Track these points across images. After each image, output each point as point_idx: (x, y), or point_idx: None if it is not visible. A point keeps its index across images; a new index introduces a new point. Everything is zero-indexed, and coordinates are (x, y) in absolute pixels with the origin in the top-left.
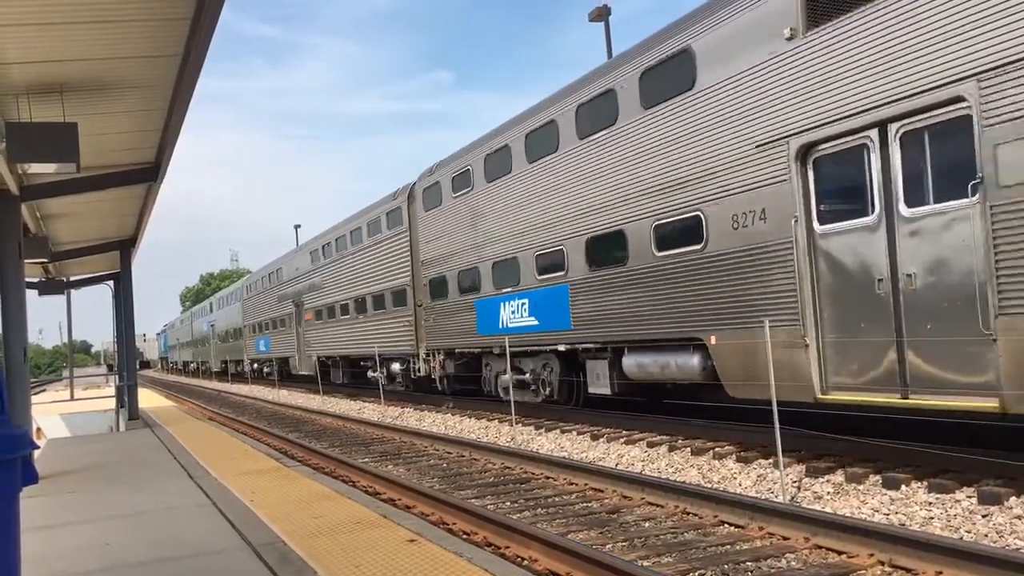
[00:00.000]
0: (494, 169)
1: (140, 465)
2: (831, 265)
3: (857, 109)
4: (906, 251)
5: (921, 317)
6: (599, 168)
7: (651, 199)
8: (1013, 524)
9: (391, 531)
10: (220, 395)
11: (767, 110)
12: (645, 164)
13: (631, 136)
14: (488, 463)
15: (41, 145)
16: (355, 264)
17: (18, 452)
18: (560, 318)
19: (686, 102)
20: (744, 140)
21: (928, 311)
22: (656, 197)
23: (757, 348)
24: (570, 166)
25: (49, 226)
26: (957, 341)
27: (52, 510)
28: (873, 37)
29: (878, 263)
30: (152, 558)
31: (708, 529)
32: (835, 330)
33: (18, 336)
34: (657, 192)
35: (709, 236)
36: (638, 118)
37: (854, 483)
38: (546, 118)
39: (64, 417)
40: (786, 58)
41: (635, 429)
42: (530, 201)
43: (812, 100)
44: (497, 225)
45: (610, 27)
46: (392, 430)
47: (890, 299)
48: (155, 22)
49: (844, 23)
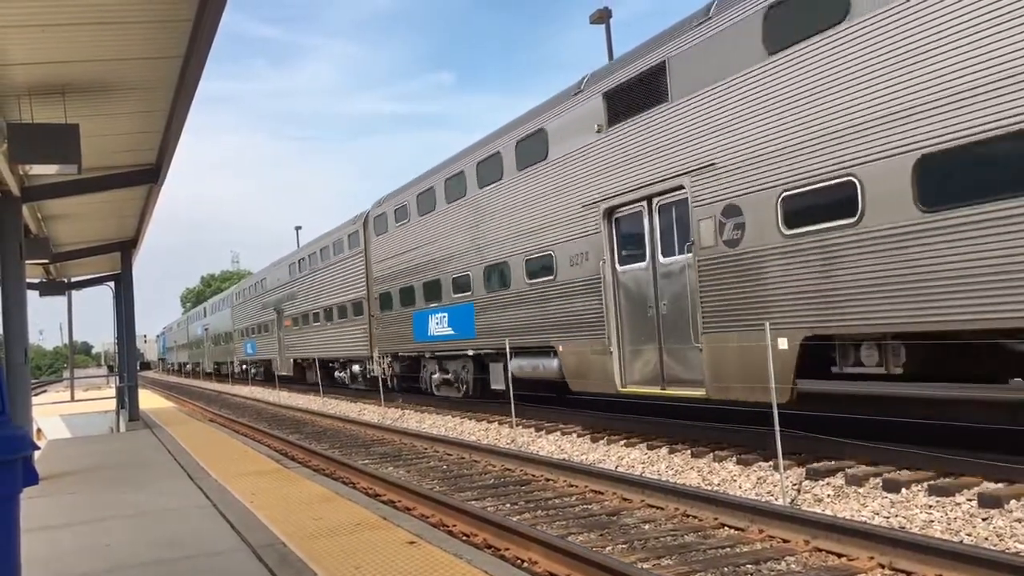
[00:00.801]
0: (424, 206)
1: (140, 466)
2: (626, 295)
3: (637, 186)
4: (661, 287)
5: (669, 333)
6: (492, 212)
7: (523, 239)
8: (1013, 527)
9: (391, 533)
10: (220, 396)
11: (588, 181)
12: (520, 212)
13: (511, 190)
14: (488, 465)
15: (43, 146)
16: (324, 278)
17: (19, 453)
18: (468, 329)
19: (543, 168)
20: (576, 201)
21: (672, 329)
22: (526, 238)
23: (585, 352)
24: (473, 209)
25: (50, 227)
26: (684, 349)
27: (53, 511)
28: (642, 136)
29: (649, 295)
30: (152, 559)
31: (708, 531)
32: (629, 342)
33: (19, 337)
34: (527, 234)
35: (558, 269)
36: (515, 176)
37: (854, 486)
38: (457, 169)
39: (64, 418)
40: (597, 145)
41: (635, 431)
42: (447, 234)
43: (613, 177)
44: (426, 252)
45: (611, 29)
46: (392, 432)
47: (655, 320)
48: (157, 24)
49: (629, 124)
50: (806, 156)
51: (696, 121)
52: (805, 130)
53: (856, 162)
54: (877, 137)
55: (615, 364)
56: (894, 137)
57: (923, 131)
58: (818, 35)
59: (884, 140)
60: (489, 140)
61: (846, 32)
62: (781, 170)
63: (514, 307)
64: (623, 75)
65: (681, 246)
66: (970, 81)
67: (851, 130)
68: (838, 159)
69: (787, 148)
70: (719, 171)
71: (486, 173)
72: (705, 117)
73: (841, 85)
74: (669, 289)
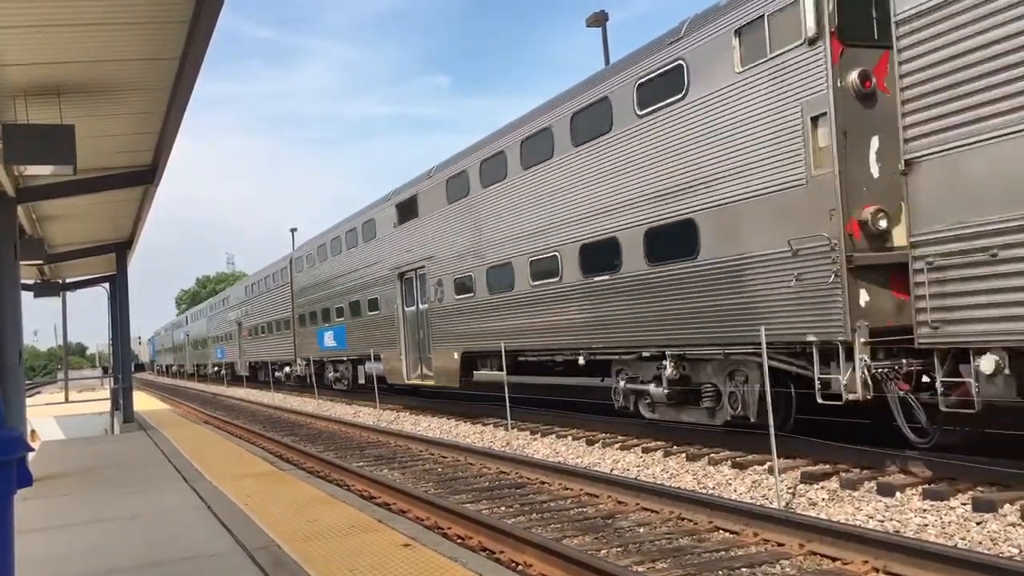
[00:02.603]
0: (320, 255)
1: (135, 468)
2: (408, 324)
3: (409, 261)
4: (422, 321)
5: (424, 347)
6: (351, 268)
7: (366, 287)
8: (1007, 531)
9: (386, 535)
10: (215, 398)
11: (391, 255)
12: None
13: (359, 254)
14: (483, 468)
15: (38, 147)
16: (267, 300)
17: (13, 454)
18: (344, 343)
19: (373, 243)
20: (386, 266)
21: (425, 345)
22: (367, 287)
23: (392, 358)
24: (343, 263)
25: (45, 228)
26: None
27: (47, 513)
28: (411, 233)
29: (417, 324)
30: (147, 561)
31: (703, 535)
32: (410, 352)
33: (13, 338)
34: (367, 284)
35: (381, 307)
36: (363, 246)
37: (849, 490)
38: (334, 235)
39: (59, 419)
40: (394, 234)
41: (630, 434)
42: (332, 277)
43: (401, 254)
44: (323, 287)
45: (607, 32)
46: (387, 434)
47: (420, 340)
48: (153, 25)
49: (406, 224)
50: (461, 260)
51: (428, 231)
52: (460, 245)
53: (474, 268)
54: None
55: (403, 366)
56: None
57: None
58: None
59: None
60: (353, 219)
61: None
62: (452, 264)
63: (362, 329)
64: (403, 195)
65: (420, 300)
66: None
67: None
68: (470, 265)
69: (453, 254)
70: (436, 260)
71: (350, 241)
72: (431, 230)
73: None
74: (425, 322)
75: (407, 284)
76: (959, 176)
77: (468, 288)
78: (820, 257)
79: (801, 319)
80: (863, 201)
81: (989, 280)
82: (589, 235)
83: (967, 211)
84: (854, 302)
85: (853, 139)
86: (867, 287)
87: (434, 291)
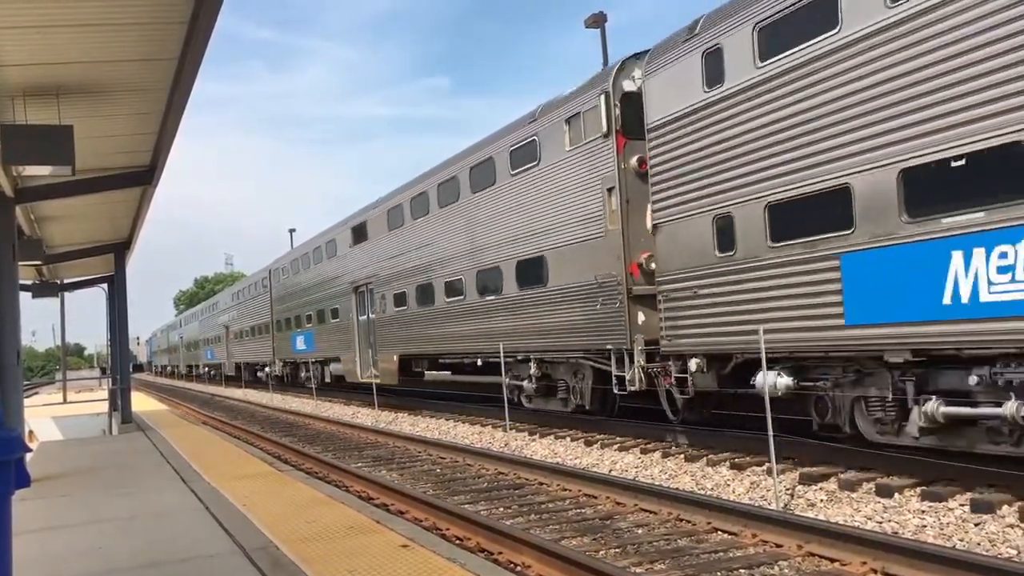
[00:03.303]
0: (293, 268)
1: (133, 469)
2: (361, 331)
3: (359, 278)
4: (371, 328)
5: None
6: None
7: (329, 298)
8: (1006, 533)
9: (384, 536)
10: (214, 399)
11: (348, 272)
12: (327, 283)
13: (325, 269)
14: (482, 468)
15: (36, 147)
16: (250, 306)
17: (11, 455)
18: (312, 346)
19: (335, 260)
20: (345, 281)
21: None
22: (330, 297)
23: (348, 360)
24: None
25: (44, 228)
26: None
27: (45, 513)
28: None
29: (368, 331)
30: (145, 562)
31: (701, 536)
32: (362, 354)
33: (11, 338)
34: (330, 296)
35: (340, 316)
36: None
37: (847, 491)
38: (303, 251)
39: (57, 420)
40: (350, 253)
41: (629, 435)
42: (302, 289)
43: (355, 271)
44: (295, 296)
45: (606, 34)
46: (385, 435)
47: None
48: (152, 26)
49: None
50: (398, 279)
51: (375, 252)
52: (398, 265)
53: (406, 285)
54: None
55: (357, 366)
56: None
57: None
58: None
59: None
60: (320, 237)
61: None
62: (392, 282)
63: (327, 334)
64: (357, 220)
65: (371, 310)
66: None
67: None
68: (404, 283)
69: (392, 273)
70: (380, 277)
71: (316, 257)
72: (377, 252)
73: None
74: (373, 329)
75: (360, 296)
76: (676, 238)
77: (403, 302)
78: (613, 288)
79: (604, 333)
80: (640, 249)
81: (692, 309)
82: (482, 264)
83: (680, 262)
84: (633, 321)
85: (634, 205)
86: (643, 310)
87: (379, 303)
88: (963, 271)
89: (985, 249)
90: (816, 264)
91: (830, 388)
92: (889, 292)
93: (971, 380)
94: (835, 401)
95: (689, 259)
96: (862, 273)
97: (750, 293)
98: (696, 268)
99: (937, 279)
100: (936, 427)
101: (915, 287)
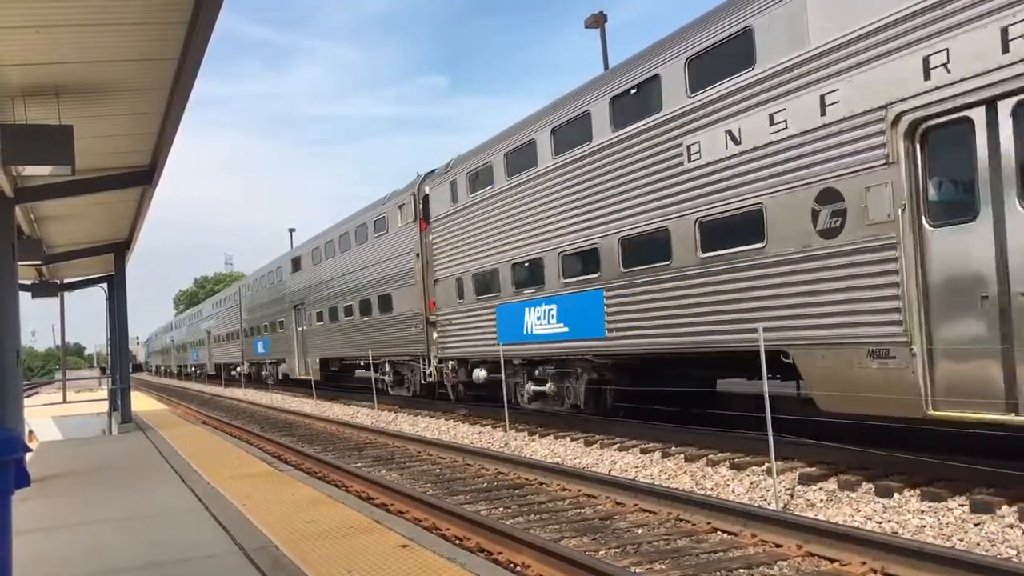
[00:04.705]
0: (255, 286)
1: (133, 469)
2: (298, 339)
3: (298, 298)
4: (302, 337)
5: (307, 353)
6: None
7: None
8: (1005, 533)
9: (384, 536)
10: (213, 399)
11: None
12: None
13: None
14: (481, 468)
15: (36, 147)
16: (225, 314)
17: (11, 455)
18: (268, 350)
19: (280, 283)
20: (288, 300)
21: (307, 352)
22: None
23: (291, 360)
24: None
25: (43, 228)
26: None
27: (44, 513)
28: (300, 279)
29: (303, 339)
30: (144, 562)
31: (701, 536)
32: (299, 357)
33: (11, 339)
34: (279, 312)
35: (285, 327)
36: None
37: (847, 491)
38: (269, 270)
39: (57, 420)
40: (291, 278)
41: (628, 436)
42: (260, 305)
43: (295, 292)
44: (260, 308)
45: (606, 33)
46: (385, 435)
47: (305, 348)
48: (152, 26)
49: (294, 274)
50: (318, 301)
51: (305, 280)
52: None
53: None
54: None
55: (296, 366)
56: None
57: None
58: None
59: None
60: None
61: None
62: (316, 303)
63: (278, 341)
64: (295, 254)
65: (306, 323)
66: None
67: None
68: (321, 304)
69: (315, 297)
70: (308, 300)
71: (270, 279)
72: (306, 279)
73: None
74: (304, 338)
75: (297, 312)
76: (443, 288)
77: (321, 319)
78: (419, 317)
79: (418, 344)
80: (432, 293)
81: (450, 332)
82: (362, 295)
83: (444, 303)
84: (429, 338)
85: (429, 266)
86: (436, 331)
87: (308, 318)
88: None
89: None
90: (486, 310)
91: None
92: (510, 325)
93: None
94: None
95: (448, 301)
96: (504, 314)
97: (469, 325)
98: (450, 307)
99: (519, 320)
100: (533, 397)
101: (514, 323)
